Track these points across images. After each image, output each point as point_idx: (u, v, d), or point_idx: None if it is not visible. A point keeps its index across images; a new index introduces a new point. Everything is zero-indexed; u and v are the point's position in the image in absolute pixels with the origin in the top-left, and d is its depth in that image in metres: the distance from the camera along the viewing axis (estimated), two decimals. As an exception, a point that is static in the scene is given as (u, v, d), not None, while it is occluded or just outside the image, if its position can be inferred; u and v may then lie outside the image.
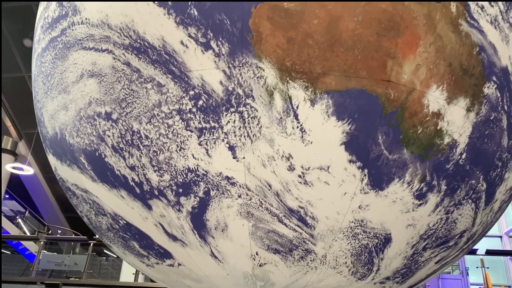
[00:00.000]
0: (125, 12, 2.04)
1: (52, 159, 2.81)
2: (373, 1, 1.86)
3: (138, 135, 2.10)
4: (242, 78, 1.89)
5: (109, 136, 2.19)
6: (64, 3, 2.33)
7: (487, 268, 10.38)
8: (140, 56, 2.02)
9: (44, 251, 13.80)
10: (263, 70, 1.87)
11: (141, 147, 2.11)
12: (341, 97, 1.88)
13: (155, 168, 2.12)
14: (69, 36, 2.27)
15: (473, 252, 9.93)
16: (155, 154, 2.09)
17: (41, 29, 2.58)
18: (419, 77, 1.92)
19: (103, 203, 2.50)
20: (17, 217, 22.65)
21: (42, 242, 13.45)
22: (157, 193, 2.19)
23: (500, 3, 2.10)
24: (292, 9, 1.85)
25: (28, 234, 21.51)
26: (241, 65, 1.88)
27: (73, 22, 2.25)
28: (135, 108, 2.07)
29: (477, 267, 10.49)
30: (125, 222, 2.46)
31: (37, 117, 2.87)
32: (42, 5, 2.71)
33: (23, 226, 22.15)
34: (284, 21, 1.85)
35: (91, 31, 2.16)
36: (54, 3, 2.44)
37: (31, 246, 17.86)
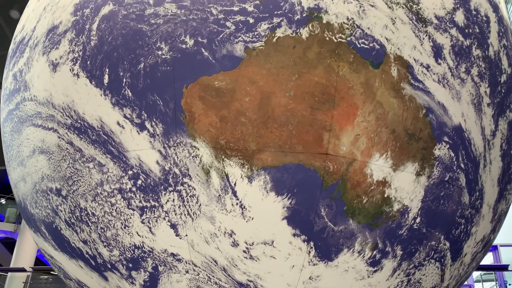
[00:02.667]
0: (66, 92, 2.05)
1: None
2: (306, 75, 1.81)
3: (85, 212, 2.10)
4: (177, 157, 1.87)
5: (61, 211, 2.21)
6: (17, 76, 2.37)
7: None
8: (81, 136, 2.03)
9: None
10: (198, 149, 1.85)
11: (90, 224, 2.11)
12: (278, 173, 1.84)
13: (104, 243, 2.12)
14: (22, 111, 2.31)
15: (505, 268, 9.49)
16: (102, 230, 2.09)
17: (2, 98, 2.63)
18: (359, 148, 1.86)
19: (67, 270, 2.51)
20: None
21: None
22: (110, 266, 2.18)
23: (448, 58, 2.02)
24: (223, 88, 1.82)
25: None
26: (176, 144, 1.86)
27: (24, 97, 2.29)
28: (80, 186, 2.08)
29: (506, 285, 10.02)
30: (88, 289, 2.47)
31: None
32: (4, 72, 2.77)
33: None
34: (216, 100, 1.83)
35: (38, 108, 2.19)
36: (10, 74, 2.49)
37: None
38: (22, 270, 13.38)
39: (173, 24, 1.88)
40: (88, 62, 2.00)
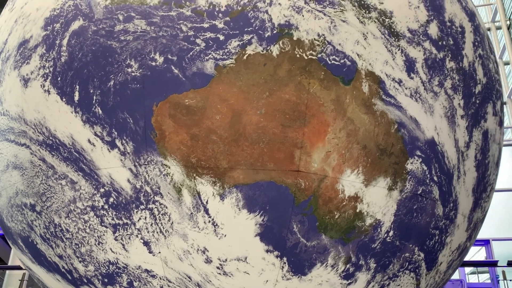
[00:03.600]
0: (38, 109, 2.03)
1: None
2: (276, 92, 1.81)
3: (60, 228, 2.09)
4: (148, 176, 1.86)
5: (36, 226, 2.20)
6: (-9, 90, 2.34)
7: (510, 280, 9.91)
8: (53, 153, 2.01)
9: None
10: (169, 167, 1.84)
11: (64, 239, 2.11)
12: (250, 190, 1.84)
13: (80, 259, 2.11)
14: (-5, 125, 2.28)
15: (495, 263, 9.55)
16: (77, 246, 2.08)
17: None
18: (331, 164, 1.87)
19: (45, 282, 2.51)
20: None
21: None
22: (86, 281, 2.18)
23: (421, 72, 2.02)
24: (193, 106, 1.81)
25: None
26: (146, 163, 1.85)
27: (-3, 111, 2.26)
28: (54, 202, 2.07)
29: (497, 280, 10.10)
30: (66, 301, 2.47)
31: None
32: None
33: None
34: (186, 118, 1.82)
35: (11, 123, 2.17)
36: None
37: None
38: (18, 268, 13.34)
39: (143, 41, 1.86)
40: (59, 79, 1.98)
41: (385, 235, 2.03)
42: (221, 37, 1.83)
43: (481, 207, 2.51)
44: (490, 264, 9.44)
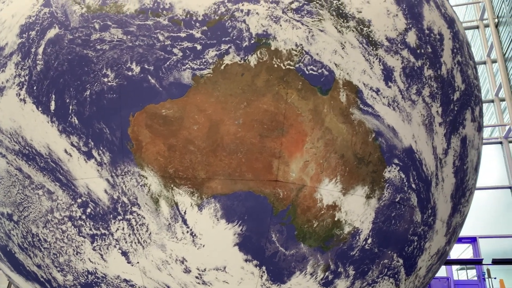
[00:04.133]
0: (13, 117, 2.01)
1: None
2: (254, 102, 1.81)
3: (37, 237, 2.07)
4: (126, 186, 1.85)
5: (14, 236, 2.17)
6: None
7: (494, 278, 10.07)
8: (29, 163, 1.99)
9: None
10: (146, 178, 1.83)
11: (42, 249, 2.08)
12: (228, 200, 1.84)
13: (58, 268, 2.09)
14: (-29, 133, 2.25)
15: (479, 262, 9.69)
16: (55, 256, 2.06)
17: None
18: (309, 173, 1.87)
19: (25, 290, 2.49)
20: None
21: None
22: (65, 291, 2.17)
23: (399, 81, 2.03)
24: (170, 116, 1.80)
25: None
26: (123, 173, 1.84)
27: (-28, 119, 2.22)
28: (31, 212, 2.04)
29: (483, 278, 10.25)
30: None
31: None
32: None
33: None
34: (164, 129, 1.81)
35: (-14, 132, 2.13)
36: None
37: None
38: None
39: (119, 50, 1.84)
40: (35, 88, 1.95)
41: (364, 242, 2.05)
42: (199, 47, 1.82)
43: (460, 212, 2.54)
44: (475, 262, 9.57)
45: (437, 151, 2.19)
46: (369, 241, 2.06)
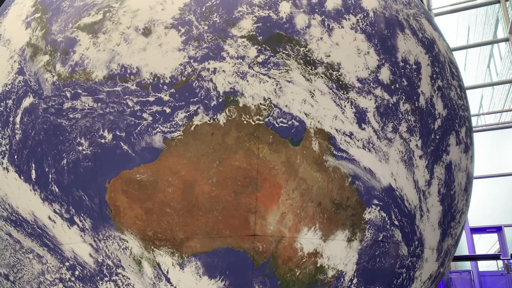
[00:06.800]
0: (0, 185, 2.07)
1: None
2: (226, 160, 1.83)
3: (33, 297, 2.15)
4: (108, 250, 1.90)
5: (12, 294, 2.26)
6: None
7: None
8: (17, 228, 2.05)
9: None
10: (127, 241, 1.88)
11: (39, 308, 2.16)
12: (208, 258, 1.88)
13: (55, 325, 2.17)
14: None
15: (497, 257, 9.62)
16: (51, 314, 2.14)
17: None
18: (287, 225, 1.89)
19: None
20: None
21: None
22: None
23: (373, 121, 2.02)
24: (145, 180, 1.84)
25: None
26: (105, 238, 1.89)
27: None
28: (25, 274, 2.12)
29: (502, 274, 10.14)
30: None
31: None
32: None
33: None
34: (139, 193, 1.84)
35: (-23, 197, 2.21)
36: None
37: None
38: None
39: (91, 118, 1.88)
40: (16, 157, 2.01)
41: (349, 283, 2.07)
42: (168, 110, 1.84)
43: (450, 235, 2.53)
44: (492, 257, 9.50)
45: (419, 184, 2.18)
46: (355, 281, 2.08)
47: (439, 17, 16.00)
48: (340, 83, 1.98)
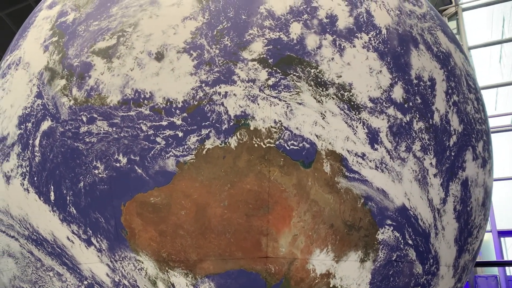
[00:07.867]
0: (20, 205, 2.14)
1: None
2: (238, 183, 1.85)
3: (54, 312, 2.22)
4: (125, 270, 1.95)
5: (34, 308, 2.34)
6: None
7: None
8: (38, 247, 2.12)
9: None
10: (142, 262, 1.92)
11: (59, 323, 2.24)
12: (221, 279, 1.91)
13: None
14: (-12, 214, 2.42)
15: (510, 263, 9.39)
16: (71, 329, 2.21)
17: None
18: (299, 247, 1.90)
19: None
20: None
21: None
22: None
23: (386, 141, 2.01)
24: (159, 203, 1.88)
25: None
26: (121, 259, 1.94)
27: (-12, 201, 2.39)
28: (46, 291, 2.19)
29: None
30: None
31: None
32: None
33: None
34: (153, 216, 1.89)
35: (0, 215, 2.29)
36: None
37: None
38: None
39: (106, 142, 1.93)
40: (35, 178, 2.07)
41: (362, 303, 2.06)
42: (180, 134, 1.87)
43: (468, 251, 2.50)
44: (506, 264, 9.27)
45: (434, 202, 2.15)
46: (368, 301, 2.07)
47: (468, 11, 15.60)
48: (352, 103, 1.97)
